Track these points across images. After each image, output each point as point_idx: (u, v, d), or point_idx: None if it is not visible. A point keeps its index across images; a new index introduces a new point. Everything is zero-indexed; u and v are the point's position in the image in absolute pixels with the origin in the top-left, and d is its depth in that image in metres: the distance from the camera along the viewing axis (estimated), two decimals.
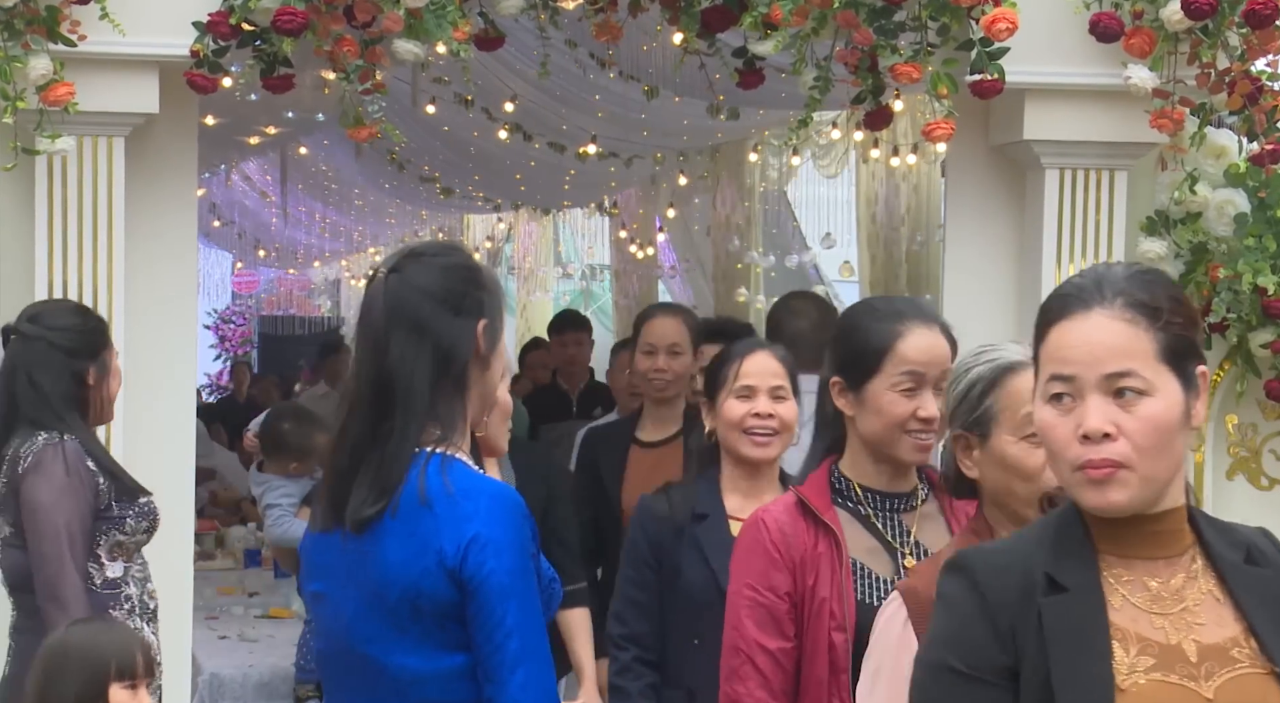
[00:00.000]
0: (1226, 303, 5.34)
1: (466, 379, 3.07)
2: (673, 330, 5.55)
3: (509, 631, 2.95)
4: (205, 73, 4.96)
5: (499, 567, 2.95)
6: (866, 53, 5.09)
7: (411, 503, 2.98)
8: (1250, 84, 5.15)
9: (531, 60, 6.89)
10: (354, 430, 3.04)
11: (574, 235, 15.63)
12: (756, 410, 4.29)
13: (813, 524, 3.46)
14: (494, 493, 3.01)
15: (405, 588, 2.98)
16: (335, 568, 3.10)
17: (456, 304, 3.07)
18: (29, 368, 4.51)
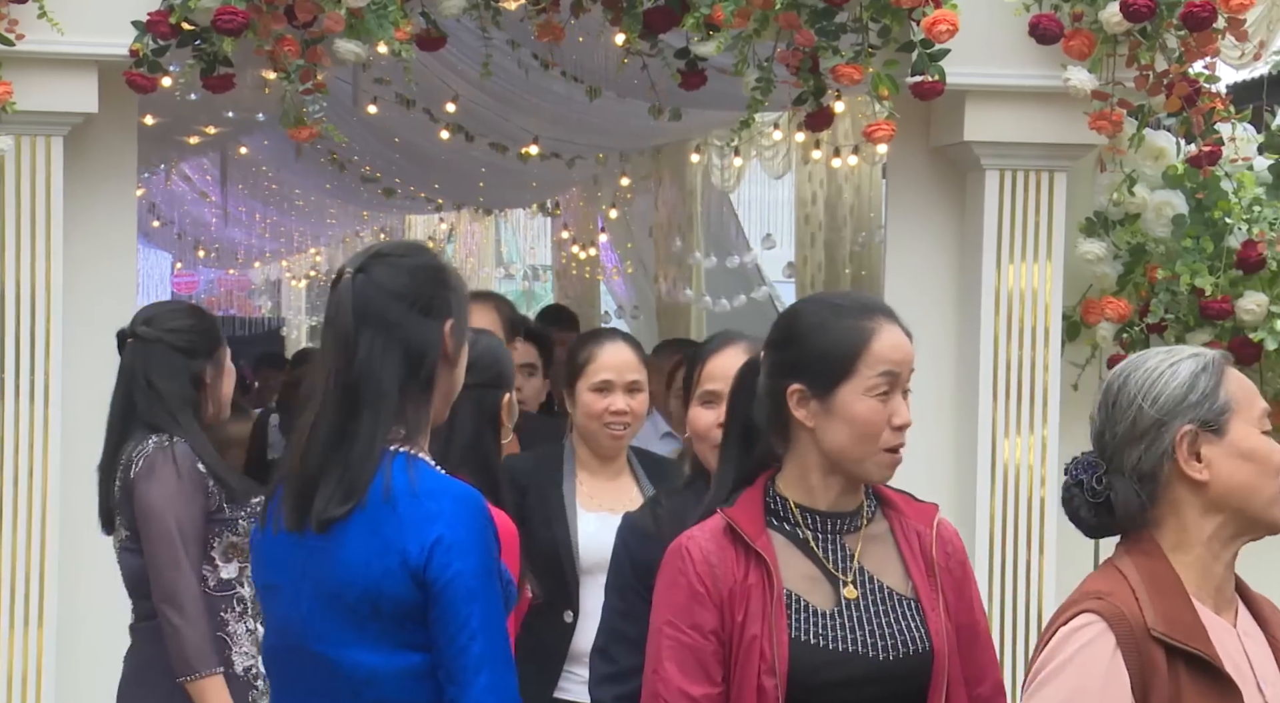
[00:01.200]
0: (1164, 304, 5.38)
1: (434, 380, 3.08)
2: None
3: (473, 633, 2.95)
4: (145, 72, 4.94)
5: (464, 569, 2.95)
6: (808, 54, 5.10)
7: (376, 502, 2.98)
8: (1188, 86, 5.19)
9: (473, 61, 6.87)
10: (322, 431, 3.04)
11: (516, 236, 15.61)
12: None
13: (743, 552, 3.09)
14: (458, 494, 3.01)
15: (366, 587, 2.98)
16: (290, 563, 3.09)
17: (425, 305, 3.07)
18: (147, 371, 4.52)
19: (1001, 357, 5.39)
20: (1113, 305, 5.39)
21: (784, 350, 3.14)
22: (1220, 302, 5.32)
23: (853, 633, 3.06)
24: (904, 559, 3.13)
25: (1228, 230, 5.38)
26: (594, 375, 4.59)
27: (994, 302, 5.37)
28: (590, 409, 4.60)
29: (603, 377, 4.58)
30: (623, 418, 4.63)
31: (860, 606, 3.08)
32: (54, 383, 5.09)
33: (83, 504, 5.12)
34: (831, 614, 3.06)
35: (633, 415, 4.64)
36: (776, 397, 3.11)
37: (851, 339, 3.11)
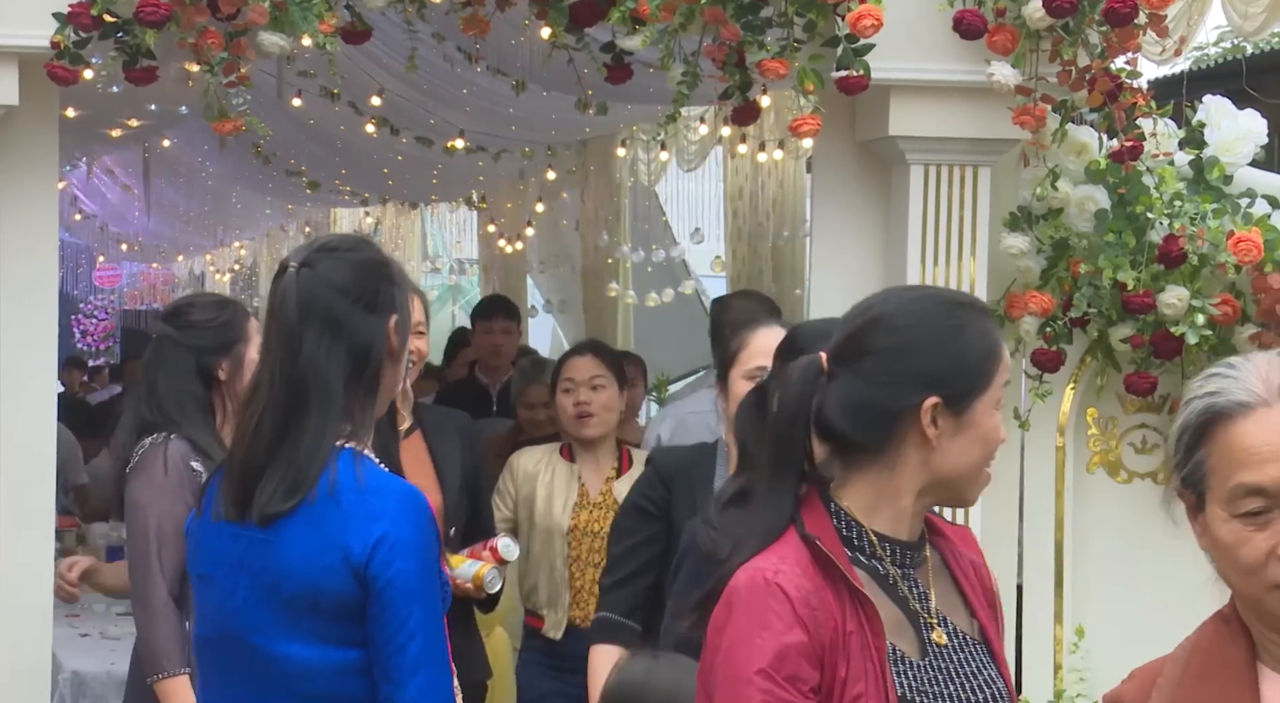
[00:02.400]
0: (1087, 298, 5.42)
1: (379, 377, 3.07)
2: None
3: (412, 632, 2.95)
4: (66, 64, 4.90)
5: (406, 568, 2.95)
6: (734, 48, 5.11)
7: (321, 497, 2.98)
8: (1110, 81, 5.23)
9: (399, 54, 6.86)
10: (267, 425, 3.03)
11: (442, 230, 15.57)
12: None
13: (838, 590, 2.60)
14: (403, 493, 3.01)
15: (305, 582, 2.98)
16: (227, 553, 3.08)
17: (370, 301, 3.07)
18: (154, 369, 4.48)
19: None
20: (1036, 299, 5.42)
21: (907, 358, 2.67)
22: (1142, 296, 5.36)
23: (947, 687, 2.67)
24: (964, 594, 2.76)
25: (1149, 225, 5.43)
26: (748, 362, 4.16)
27: None
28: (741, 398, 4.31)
29: (758, 363, 4.12)
30: None
31: (948, 653, 2.69)
32: None
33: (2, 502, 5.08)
34: (923, 666, 2.66)
35: None
36: (890, 411, 2.64)
37: (987, 345, 2.71)
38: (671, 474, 4.41)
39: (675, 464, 4.45)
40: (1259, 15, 6.21)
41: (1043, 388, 5.48)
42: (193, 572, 3.22)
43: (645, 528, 4.44)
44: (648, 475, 4.53)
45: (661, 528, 4.40)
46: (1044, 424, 5.58)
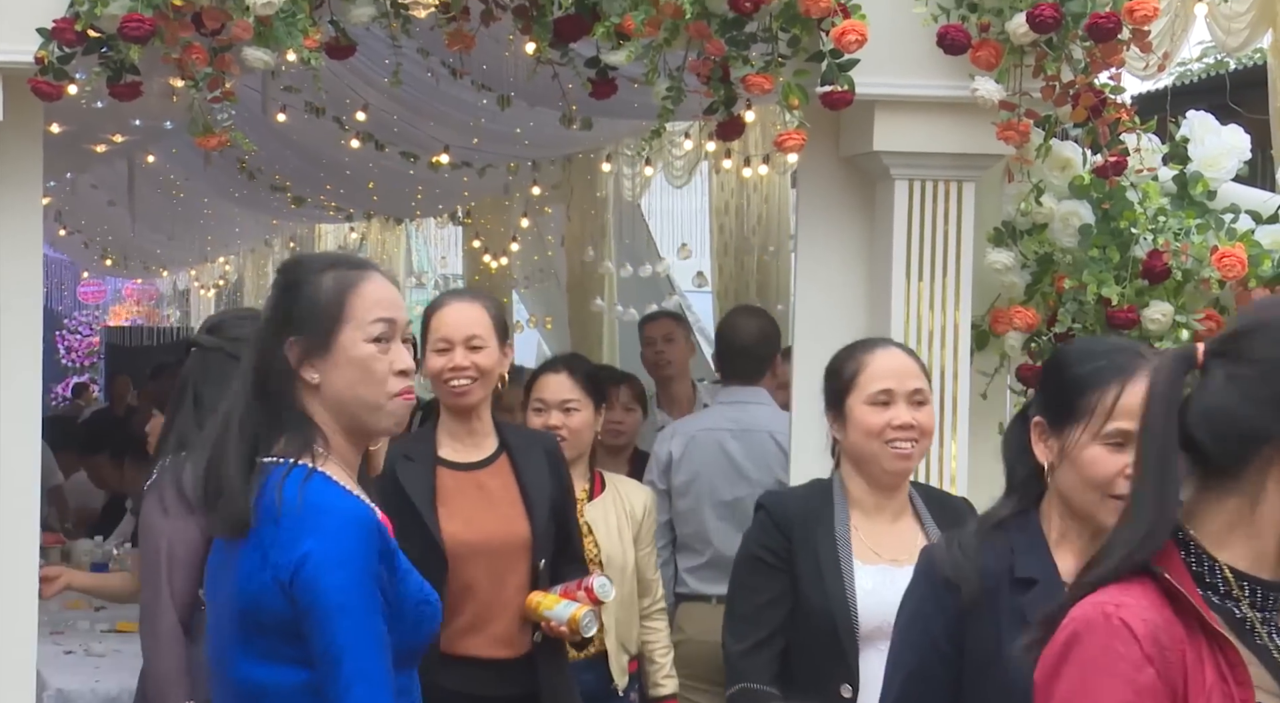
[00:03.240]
0: (1072, 313, 5.43)
1: (290, 393, 3.11)
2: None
3: (340, 650, 2.93)
4: (50, 80, 4.89)
5: (331, 585, 2.94)
6: (718, 63, 5.12)
7: (266, 518, 2.99)
8: (1094, 97, 5.24)
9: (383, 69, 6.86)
10: (211, 454, 3.11)
11: (426, 245, 15.57)
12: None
13: (1195, 635, 2.22)
14: (338, 509, 3.00)
15: (248, 603, 3.00)
16: (215, 576, 3.16)
17: (269, 320, 3.17)
18: (197, 382, 4.35)
19: None
20: (1020, 314, 5.43)
21: None
22: (1126, 311, 5.37)
23: None
24: None
25: (1133, 240, 5.44)
26: (869, 386, 3.98)
27: (904, 310, 5.40)
28: (868, 425, 3.97)
29: (881, 386, 3.97)
30: (910, 433, 3.98)
31: None
32: None
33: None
34: None
35: (920, 431, 4.00)
36: (1255, 433, 2.26)
37: None
38: (789, 520, 4.01)
39: (792, 508, 4.04)
40: (1242, 31, 6.24)
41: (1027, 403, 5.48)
42: (204, 597, 3.28)
43: (770, 585, 4.01)
44: (762, 523, 4.08)
45: (786, 582, 3.99)
46: None
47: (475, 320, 4.73)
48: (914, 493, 4.09)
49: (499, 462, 4.78)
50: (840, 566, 3.92)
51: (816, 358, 5.51)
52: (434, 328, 4.76)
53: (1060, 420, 3.17)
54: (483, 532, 4.67)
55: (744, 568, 4.08)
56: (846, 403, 4.00)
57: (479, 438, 4.78)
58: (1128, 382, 3.10)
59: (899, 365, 4.03)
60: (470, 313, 4.75)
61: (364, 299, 3.10)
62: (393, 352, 3.11)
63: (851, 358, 4.05)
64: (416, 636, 3.08)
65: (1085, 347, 3.30)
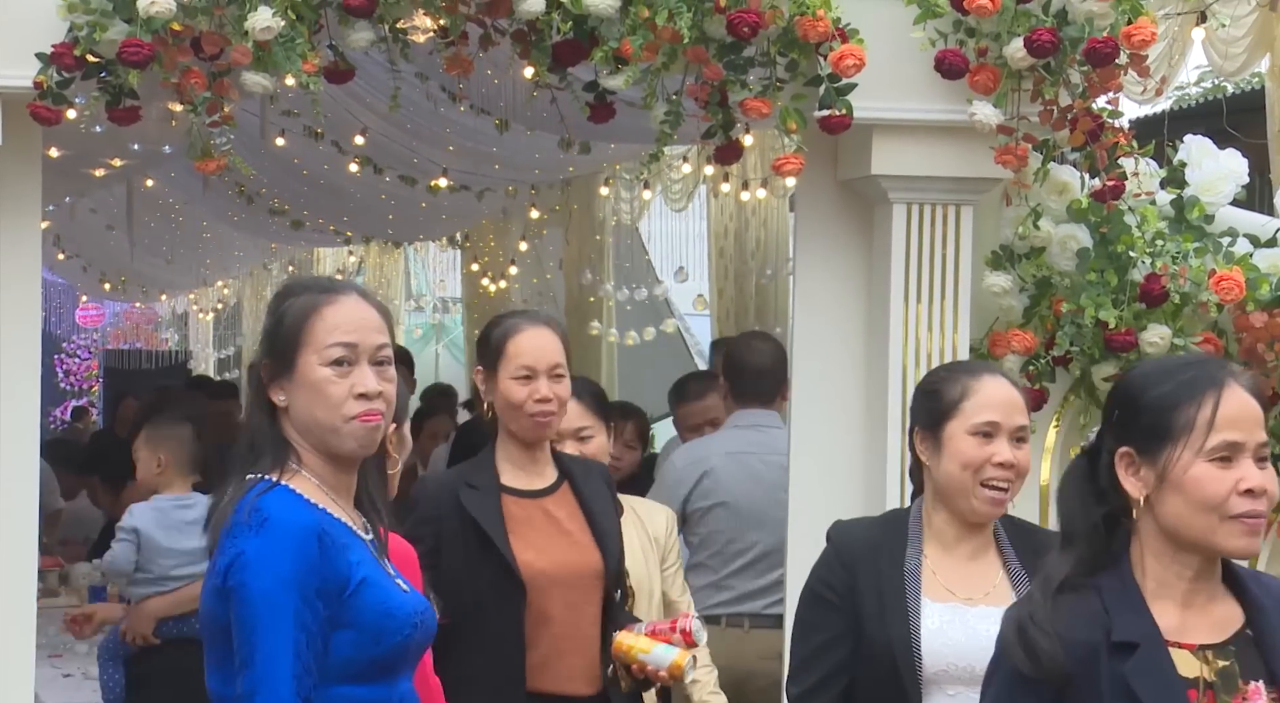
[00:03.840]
0: (1070, 337, 5.43)
1: (268, 414, 3.18)
2: None
3: (249, 654, 2.97)
4: (49, 104, 4.90)
5: (255, 587, 2.98)
6: (716, 88, 5.13)
7: (224, 531, 3.06)
8: (1092, 121, 5.25)
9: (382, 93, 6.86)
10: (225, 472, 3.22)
11: (425, 269, 15.58)
12: None
13: None
14: (281, 517, 3.04)
15: (205, 612, 3.09)
16: None
17: (261, 346, 3.25)
18: None
19: (910, 388, 5.41)
20: (1019, 338, 5.43)
21: None
22: (1124, 334, 5.38)
23: None
24: None
25: (1131, 264, 5.44)
26: (976, 415, 3.73)
27: (902, 334, 5.40)
28: (967, 457, 3.68)
29: (988, 417, 3.72)
30: (1008, 473, 3.70)
31: None
32: None
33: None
34: None
35: (1018, 471, 3.72)
36: None
37: None
38: (855, 553, 3.73)
39: (859, 540, 3.75)
40: (1239, 56, 6.26)
41: None
42: None
43: (831, 623, 3.73)
44: (826, 557, 3.81)
45: (848, 620, 3.71)
46: None
47: (557, 348, 4.56)
48: (998, 526, 3.77)
49: (561, 490, 4.61)
50: (906, 602, 3.64)
51: (815, 381, 5.54)
52: (512, 354, 4.53)
53: (1152, 446, 2.86)
54: (555, 561, 4.49)
55: (805, 604, 3.82)
56: (945, 428, 3.70)
57: (541, 466, 4.62)
58: (1223, 390, 2.86)
59: (1007, 397, 3.75)
60: (551, 341, 4.56)
61: (324, 322, 3.15)
62: (354, 375, 3.14)
63: (956, 380, 3.74)
64: (377, 648, 3.08)
65: (1160, 366, 3.00)
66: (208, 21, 4.88)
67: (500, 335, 4.59)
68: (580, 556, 4.52)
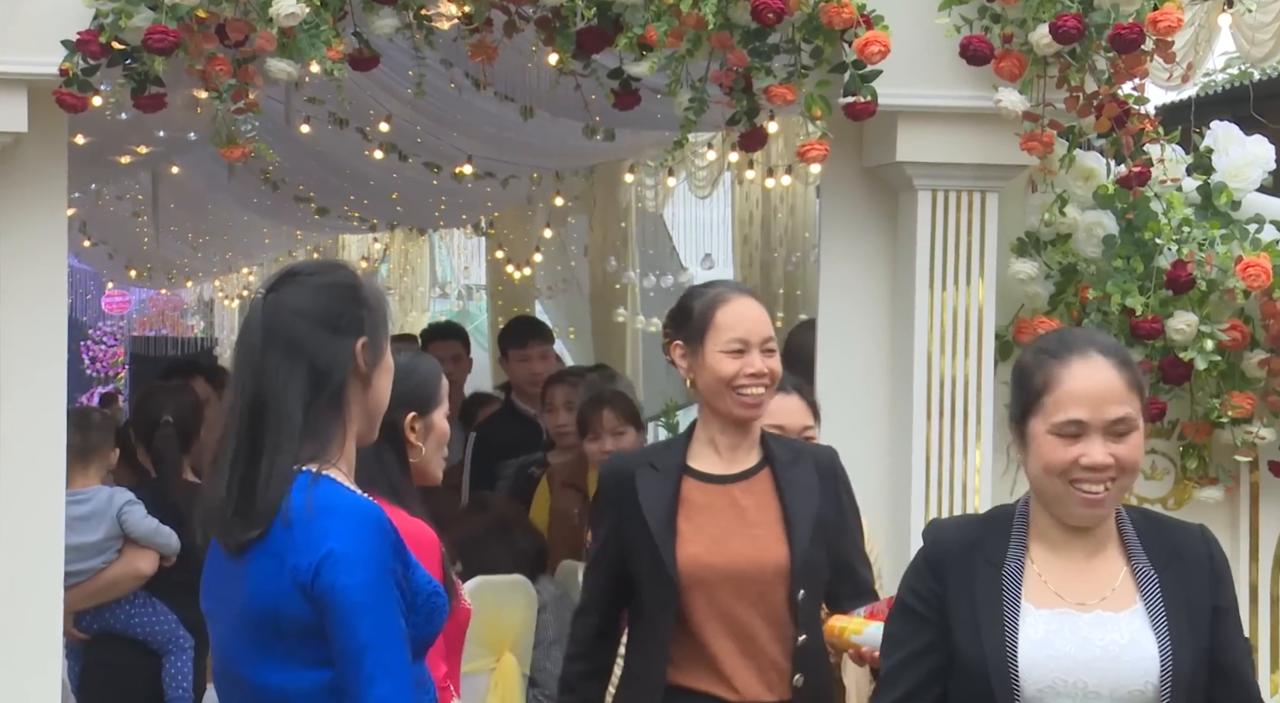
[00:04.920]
0: (1096, 324, 5.42)
1: (343, 397, 3.11)
2: None
3: (363, 646, 2.97)
4: (75, 91, 4.92)
5: (350, 582, 2.97)
6: (741, 74, 5.13)
7: (277, 523, 3.01)
8: (1118, 107, 5.24)
9: (406, 80, 6.86)
10: (231, 452, 3.08)
11: (450, 256, 15.58)
12: None
13: None
14: (350, 509, 3.03)
15: (265, 609, 3.02)
16: (219, 587, 3.17)
17: (334, 323, 3.11)
18: None
19: (935, 376, 5.42)
20: (1045, 325, 5.43)
21: None
22: (1150, 321, 5.37)
23: None
24: None
25: (1157, 251, 5.44)
26: (1055, 413, 3.21)
27: (927, 321, 5.40)
28: (1049, 460, 3.19)
29: (1070, 415, 3.19)
30: (1103, 474, 3.18)
31: None
32: None
33: (11, 528, 5.09)
34: None
35: (1121, 467, 3.18)
36: None
37: None
38: (945, 557, 3.25)
39: (953, 541, 3.27)
40: (1267, 41, 6.23)
41: None
42: (204, 610, 3.27)
43: (916, 635, 3.25)
44: (916, 562, 3.33)
45: (936, 633, 3.23)
46: None
47: (767, 320, 4.25)
48: (1124, 517, 3.27)
49: (759, 476, 4.21)
50: (1003, 610, 3.17)
51: (839, 368, 5.54)
52: (722, 326, 4.18)
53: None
54: (729, 554, 4.11)
55: (893, 615, 3.38)
56: (1029, 425, 3.23)
57: (744, 449, 4.22)
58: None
59: (1098, 387, 3.17)
60: (761, 312, 4.25)
61: None
62: None
63: (1041, 366, 3.23)
64: (428, 626, 3.12)
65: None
66: (232, 8, 4.89)
67: (705, 306, 4.23)
68: (759, 549, 4.13)
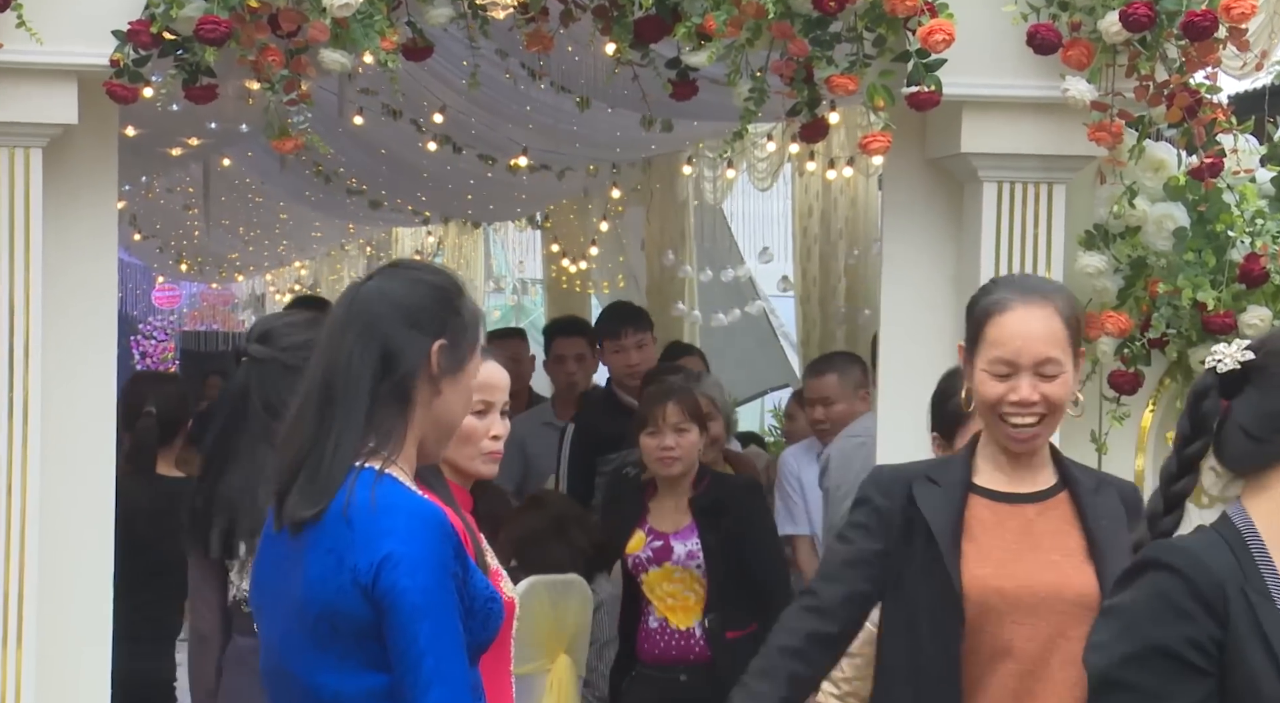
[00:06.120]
0: (1166, 318, 5.39)
1: (410, 393, 3.12)
2: None
3: (422, 650, 2.98)
4: (125, 82, 4.94)
5: (412, 585, 2.98)
6: (802, 64, 5.11)
7: (336, 517, 3.02)
8: (1189, 97, 5.20)
9: (461, 71, 6.88)
10: (300, 429, 3.12)
11: (505, 249, 15.61)
12: None
13: None
14: (413, 510, 3.04)
15: (323, 606, 3.03)
16: (271, 582, 3.18)
17: (415, 317, 3.14)
18: (266, 393, 4.35)
19: None
20: (1113, 320, 5.39)
21: None
22: (1223, 316, 5.33)
23: None
24: None
25: (1230, 244, 5.40)
26: None
27: None
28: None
29: None
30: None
31: None
32: (33, 400, 5.08)
33: (61, 521, 5.12)
34: None
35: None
36: None
37: None
38: (1221, 593, 2.63)
39: (1222, 573, 2.65)
40: None
41: (1120, 411, 5.45)
42: (252, 604, 3.27)
43: (1191, 694, 2.59)
44: (1175, 601, 2.64)
45: (1210, 688, 2.59)
46: (1122, 448, 5.54)
47: (1051, 336, 3.74)
48: None
49: (1057, 498, 3.84)
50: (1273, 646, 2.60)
51: (903, 365, 5.52)
52: (991, 340, 3.76)
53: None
54: (1023, 579, 3.73)
55: (1150, 670, 2.62)
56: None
57: (1034, 470, 3.85)
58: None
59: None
60: (1045, 324, 3.74)
61: None
62: None
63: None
64: (485, 632, 3.13)
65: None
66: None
67: (982, 313, 3.81)
68: (1059, 576, 3.73)
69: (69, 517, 5.15)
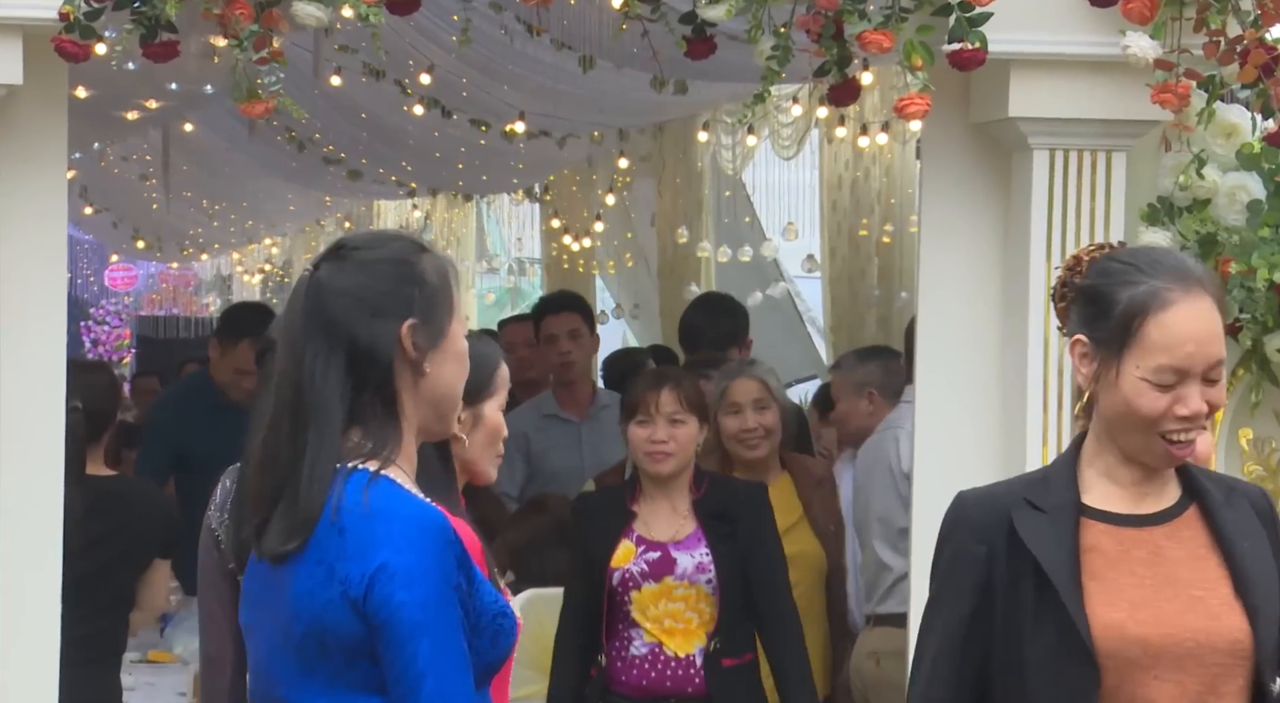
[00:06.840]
0: (1239, 302, 5.39)
1: (392, 388, 3.11)
2: None
3: (421, 672, 2.97)
4: (76, 38, 4.94)
5: (409, 600, 2.97)
6: (831, 18, 5.11)
7: (325, 527, 3.01)
8: (1265, 54, 5.20)
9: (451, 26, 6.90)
10: (273, 450, 3.10)
11: (500, 225, 15.64)
12: None
13: None
14: (410, 516, 3.03)
15: (310, 622, 3.02)
16: (258, 598, 3.17)
17: (375, 303, 3.12)
18: None
19: (1053, 360, 5.39)
20: None
21: None
22: None
23: None
24: None
25: None
26: None
27: (1044, 299, 5.37)
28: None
29: None
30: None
31: None
32: None
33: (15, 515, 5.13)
34: None
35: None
36: None
37: None
38: None
39: None
40: None
41: None
42: (242, 623, 3.28)
43: None
44: None
45: None
46: None
47: (1219, 332, 3.48)
48: None
49: (1185, 516, 3.51)
50: None
51: (942, 352, 5.52)
52: (1155, 343, 3.43)
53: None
54: (1164, 624, 3.41)
55: None
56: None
57: (1157, 483, 3.51)
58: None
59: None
60: (1213, 320, 3.46)
61: None
62: None
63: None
64: (494, 651, 3.11)
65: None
66: None
67: (1135, 306, 3.46)
68: (1208, 618, 3.43)
69: (17, 512, 5.15)
